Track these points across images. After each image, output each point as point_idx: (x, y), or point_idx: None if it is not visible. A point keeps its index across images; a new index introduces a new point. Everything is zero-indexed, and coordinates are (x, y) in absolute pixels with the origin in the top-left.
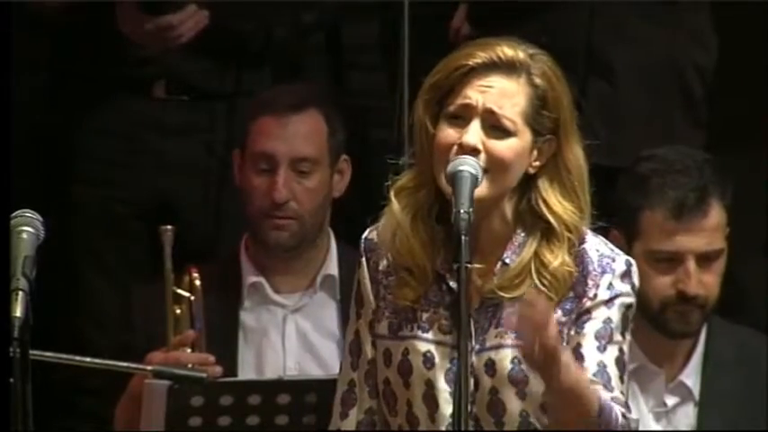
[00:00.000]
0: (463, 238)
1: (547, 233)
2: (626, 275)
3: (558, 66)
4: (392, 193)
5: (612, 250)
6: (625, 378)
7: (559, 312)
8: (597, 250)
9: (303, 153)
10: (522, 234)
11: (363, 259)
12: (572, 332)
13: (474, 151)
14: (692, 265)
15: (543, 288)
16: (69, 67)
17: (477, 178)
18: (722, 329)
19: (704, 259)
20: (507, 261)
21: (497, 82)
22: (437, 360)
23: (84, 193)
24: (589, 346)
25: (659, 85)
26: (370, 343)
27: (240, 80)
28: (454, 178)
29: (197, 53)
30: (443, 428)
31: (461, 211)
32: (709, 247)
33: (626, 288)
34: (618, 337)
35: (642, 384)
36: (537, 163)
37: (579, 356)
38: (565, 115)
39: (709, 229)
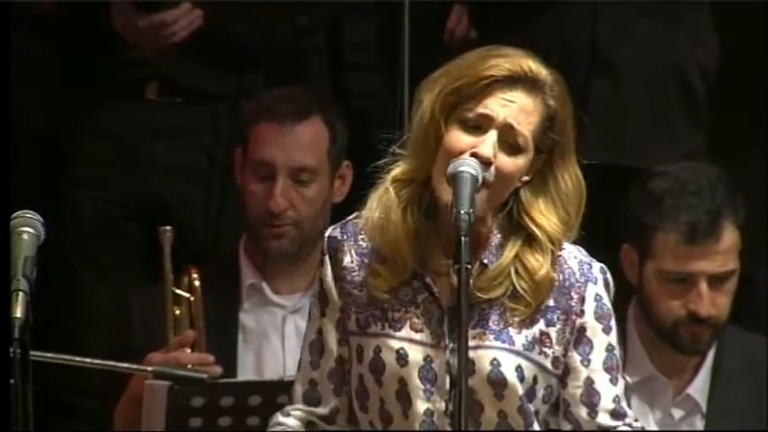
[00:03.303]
0: (463, 238)
1: (529, 238)
2: (607, 284)
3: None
4: (388, 182)
5: (586, 255)
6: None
7: (542, 322)
8: (575, 257)
9: (302, 163)
10: (499, 236)
11: (327, 258)
12: (572, 354)
13: (488, 163)
14: (704, 286)
15: (522, 292)
16: (63, 70)
17: (477, 179)
18: (732, 340)
19: (716, 280)
20: (486, 262)
21: (519, 98)
22: (410, 358)
23: (78, 196)
24: (602, 381)
25: (662, 85)
26: (336, 341)
27: (235, 82)
28: (455, 179)
29: (190, 55)
30: (417, 425)
31: (462, 211)
32: (721, 269)
33: (609, 300)
34: (620, 362)
35: (650, 395)
36: (525, 178)
37: (593, 393)
38: (566, 137)
39: (723, 252)
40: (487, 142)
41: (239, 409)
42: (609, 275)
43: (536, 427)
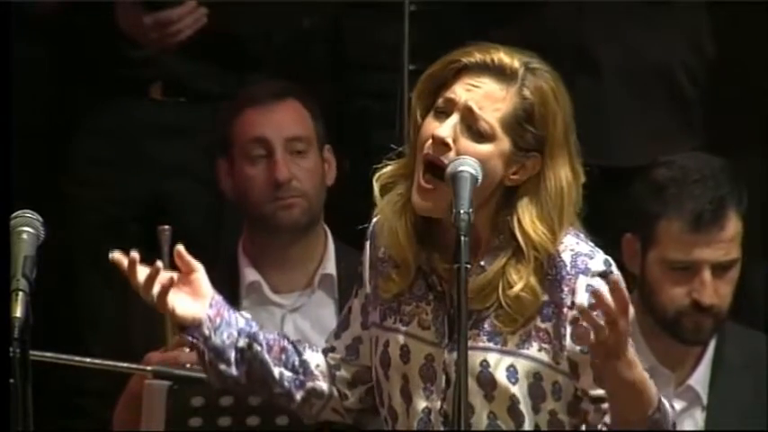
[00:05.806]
0: (463, 238)
1: (516, 250)
2: (605, 276)
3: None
4: (376, 182)
5: (591, 249)
6: None
7: (537, 318)
8: (572, 250)
9: (295, 133)
10: (497, 240)
11: (368, 243)
12: (572, 347)
13: (444, 145)
14: (707, 275)
15: (506, 307)
16: (67, 69)
17: (477, 179)
18: (733, 334)
19: (719, 269)
20: (483, 264)
21: (486, 84)
22: (413, 355)
23: (79, 195)
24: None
25: (648, 85)
26: (359, 323)
27: (238, 82)
28: (454, 178)
29: (194, 55)
30: (415, 423)
31: (461, 211)
32: (724, 257)
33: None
34: None
35: None
36: (516, 177)
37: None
38: (554, 134)
39: (726, 241)
40: (446, 124)
41: (239, 408)
42: (613, 268)
43: (527, 427)
